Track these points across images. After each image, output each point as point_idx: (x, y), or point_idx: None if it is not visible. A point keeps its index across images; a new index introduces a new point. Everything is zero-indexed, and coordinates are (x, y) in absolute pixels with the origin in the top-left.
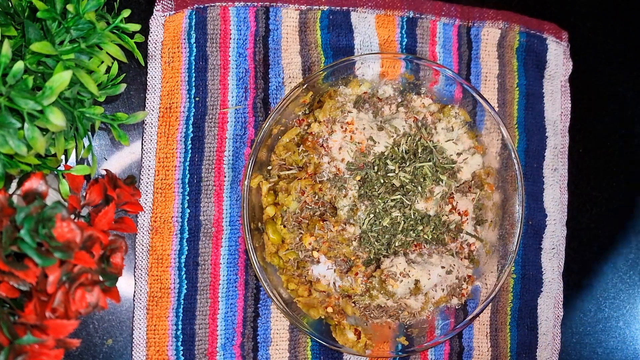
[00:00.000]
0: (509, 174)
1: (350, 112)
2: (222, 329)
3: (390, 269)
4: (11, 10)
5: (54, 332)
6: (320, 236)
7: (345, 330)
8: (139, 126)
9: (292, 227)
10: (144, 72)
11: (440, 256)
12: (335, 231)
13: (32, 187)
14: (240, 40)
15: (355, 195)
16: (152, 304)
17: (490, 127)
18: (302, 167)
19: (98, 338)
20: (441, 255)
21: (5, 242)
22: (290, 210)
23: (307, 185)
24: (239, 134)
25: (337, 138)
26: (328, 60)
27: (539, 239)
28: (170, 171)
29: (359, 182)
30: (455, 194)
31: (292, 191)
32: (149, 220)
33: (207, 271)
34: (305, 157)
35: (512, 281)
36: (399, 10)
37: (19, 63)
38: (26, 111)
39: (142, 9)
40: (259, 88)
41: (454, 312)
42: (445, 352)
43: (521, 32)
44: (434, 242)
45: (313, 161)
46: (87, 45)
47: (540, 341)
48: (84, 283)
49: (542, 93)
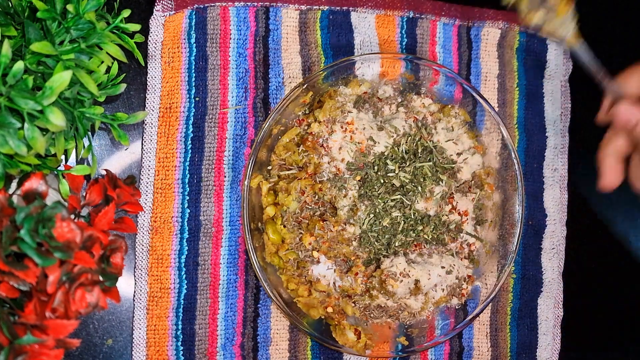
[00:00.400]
0: (509, 174)
1: (350, 112)
2: (222, 329)
3: (390, 269)
4: (11, 10)
5: (54, 332)
6: (320, 236)
7: (345, 330)
8: (139, 126)
9: (292, 227)
10: (144, 72)
11: (440, 256)
12: (335, 231)
13: (32, 187)
14: (240, 40)
15: (355, 196)
16: (152, 304)
17: (490, 127)
18: (302, 167)
19: (98, 338)
20: (441, 255)
21: (5, 242)
22: (290, 210)
23: (307, 185)
24: (239, 134)
25: (337, 138)
26: (328, 60)
27: (539, 239)
28: (170, 171)
29: (358, 182)
30: (455, 194)
31: (292, 191)
32: (149, 220)
33: (207, 271)
34: (305, 157)
35: (512, 281)
36: (399, 10)
37: (19, 63)
38: (26, 111)
39: (142, 9)
40: (259, 88)
41: (454, 312)
42: (445, 352)
43: (521, 32)
44: (434, 242)
45: (313, 161)
46: (87, 45)
47: (540, 341)
48: (84, 283)
49: (542, 93)
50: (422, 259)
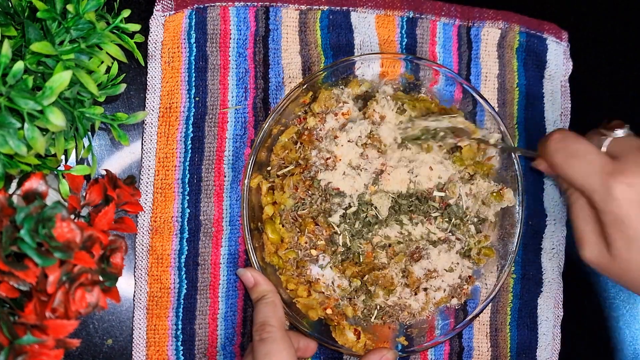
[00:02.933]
0: (509, 174)
1: (347, 103)
2: (222, 329)
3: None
4: (11, 10)
5: (54, 332)
6: (316, 237)
7: (345, 331)
8: (139, 126)
9: (291, 227)
10: (144, 72)
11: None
12: (327, 235)
13: (32, 187)
14: (240, 40)
15: (341, 227)
16: (152, 304)
17: (490, 127)
18: (299, 163)
19: (98, 338)
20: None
21: (5, 242)
22: (287, 208)
23: (298, 180)
24: (239, 134)
25: (329, 127)
26: (328, 60)
27: (539, 239)
28: (170, 171)
29: (347, 217)
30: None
31: (286, 188)
32: (149, 220)
33: (207, 271)
34: (302, 152)
35: (512, 281)
36: (399, 10)
37: (19, 63)
38: (26, 111)
39: (142, 9)
40: (259, 88)
41: (453, 312)
42: (445, 352)
43: (521, 32)
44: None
45: (307, 155)
46: (87, 45)
47: (540, 341)
48: (84, 283)
49: (542, 93)
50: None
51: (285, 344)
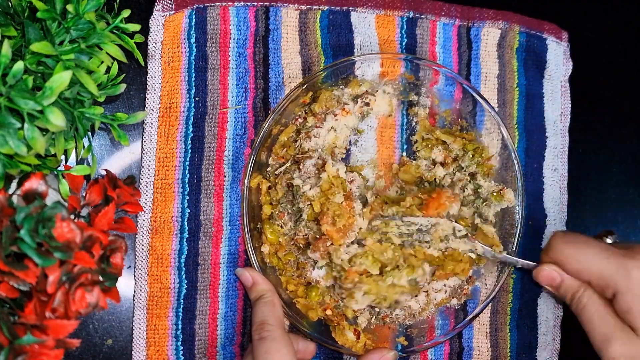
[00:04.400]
0: (509, 174)
1: (347, 104)
2: (222, 329)
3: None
4: (11, 10)
5: (54, 332)
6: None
7: (344, 331)
8: (139, 126)
9: (288, 229)
10: (144, 72)
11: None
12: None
13: (32, 187)
14: (240, 40)
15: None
16: (152, 304)
17: (490, 127)
18: (295, 161)
19: (98, 338)
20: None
21: (5, 242)
22: (282, 206)
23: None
24: (239, 134)
25: (328, 126)
26: (328, 60)
27: (539, 239)
28: (170, 171)
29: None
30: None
31: (279, 186)
32: (148, 220)
33: (207, 271)
34: (299, 149)
35: (512, 281)
36: (399, 10)
37: (19, 63)
38: (26, 111)
39: (142, 9)
40: (259, 88)
41: (453, 313)
42: (445, 352)
43: (521, 32)
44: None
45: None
46: (87, 45)
47: (540, 341)
48: (84, 283)
49: (542, 93)
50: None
51: (284, 342)
